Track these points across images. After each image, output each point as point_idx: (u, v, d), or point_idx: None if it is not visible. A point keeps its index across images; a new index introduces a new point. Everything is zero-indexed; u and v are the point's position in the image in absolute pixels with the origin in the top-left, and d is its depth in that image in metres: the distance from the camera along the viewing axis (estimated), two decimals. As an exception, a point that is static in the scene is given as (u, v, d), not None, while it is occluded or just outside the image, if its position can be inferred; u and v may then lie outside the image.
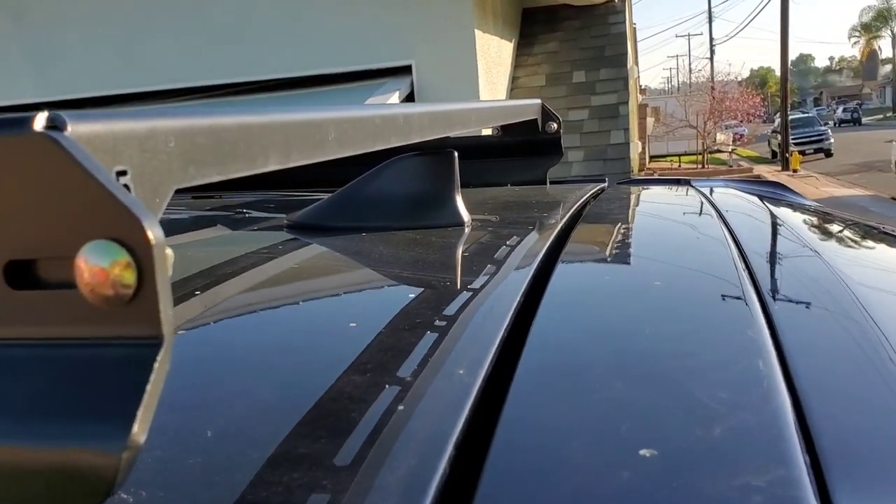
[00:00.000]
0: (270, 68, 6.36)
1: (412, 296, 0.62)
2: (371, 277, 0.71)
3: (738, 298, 0.58)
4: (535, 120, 1.45)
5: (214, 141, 0.38)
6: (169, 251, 0.29)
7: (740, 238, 0.80)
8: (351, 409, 0.40)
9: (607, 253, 0.78)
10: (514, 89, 7.20)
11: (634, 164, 10.10)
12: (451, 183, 0.90)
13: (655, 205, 1.12)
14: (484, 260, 0.73)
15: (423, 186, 0.90)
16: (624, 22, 7.57)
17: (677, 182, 1.44)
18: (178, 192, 0.36)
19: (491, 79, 6.59)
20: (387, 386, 0.43)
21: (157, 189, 0.33)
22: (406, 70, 6.29)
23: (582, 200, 1.09)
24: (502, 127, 1.52)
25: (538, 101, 1.48)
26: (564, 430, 0.38)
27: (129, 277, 0.27)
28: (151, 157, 0.33)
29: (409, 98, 6.19)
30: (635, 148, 9.20)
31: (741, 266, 0.67)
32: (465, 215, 0.90)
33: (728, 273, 0.65)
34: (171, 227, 1.08)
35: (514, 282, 0.63)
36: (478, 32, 6.21)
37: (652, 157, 22.10)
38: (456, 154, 0.91)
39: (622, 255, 0.75)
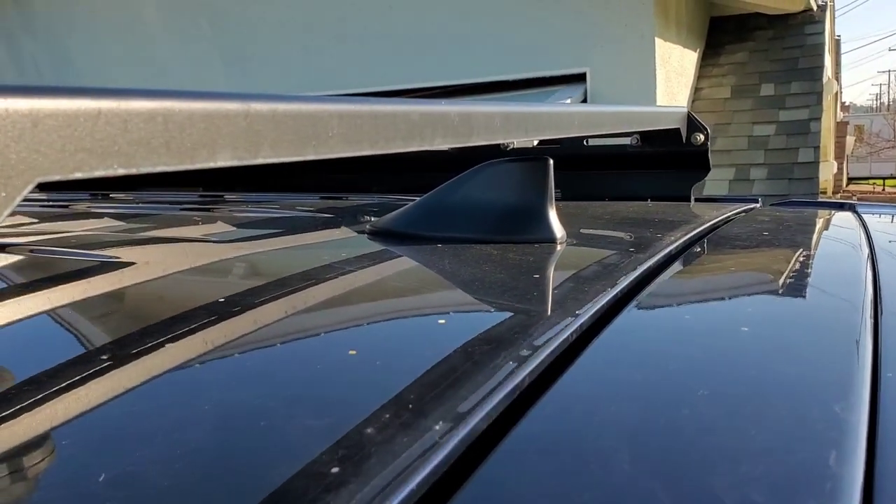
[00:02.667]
0: (446, 75, 6.43)
1: (441, 322, 0.53)
2: (406, 300, 0.63)
3: (844, 363, 0.45)
4: (678, 130, 1.31)
5: (117, 127, 0.31)
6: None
7: (886, 282, 0.65)
8: (278, 464, 0.33)
9: (703, 287, 0.65)
10: (696, 101, 6.85)
11: (828, 185, 9.37)
12: (543, 193, 0.81)
13: (796, 232, 0.96)
14: (553, 285, 0.63)
15: (513, 196, 0.81)
16: (823, 32, 7.01)
17: (840, 206, 1.26)
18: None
19: (671, 89, 6.31)
20: (334, 440, 0.35)
21: (6, 181, 0.27)
22: (580, 78, 6.15)
23: (711, 223, 0.95)
24: (642, 137, 1.40)
25: (683, 109, 1.34)
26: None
27: None
28: (-3, 141, 0.27)
29: (582, 107, 6.04)
30: (829, 168, 8.54)
31: (867, 318, 0.53)
32: (559, 231, 0.80)
33: (845, 327, 0.52)
34: (253, 227, 1.06)
35: (571, 316, 0.53)
36: (658, 41, 5.96)
37: (851, 179, 20.47)
38: (551, 161, 0.81)
39: (720, 290, 0.63)
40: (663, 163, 1.41)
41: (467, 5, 6.28)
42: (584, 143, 1.46)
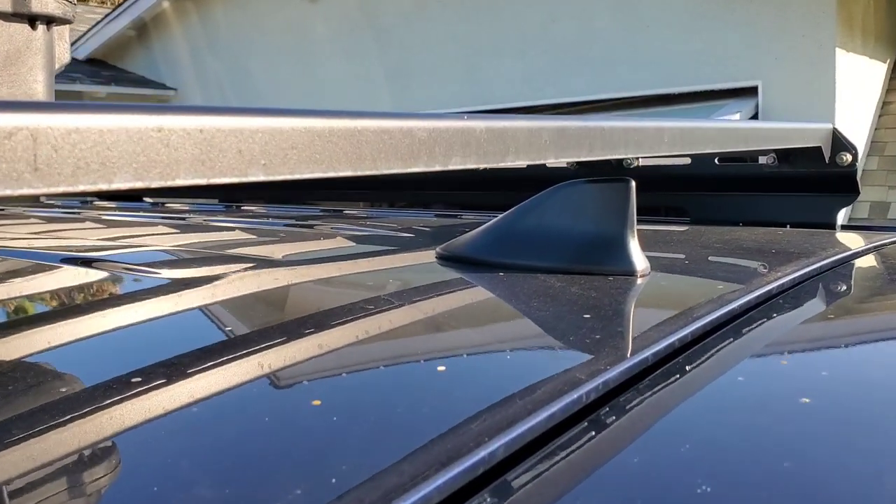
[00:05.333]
0: (609, 88, 6.26)
1: (441, 369, 0.46)
2: (417, 341, 0.56)
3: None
4: (820, 149, 1.16)
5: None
6: None
7: None
8: None
9: (772, 341, 0.54)
10: (883, 116, 6.29)
11: None
12: (622, 220, 0.71)
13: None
14: (599, 328, 0.55)
15: (589, 223, 0.72)
16: None
17: None
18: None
19: (853, 103, 5.82)
20: (281, 487, 0.29)
21: None
22: (751, 91, 5.81)
23: (833, 258, 0.81)
24: (780, 156, 1.25)
25: (826, 125, 1.19)
26: None
27: None
28: None
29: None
30: None
31: None
32: (639, 262, 0.70)
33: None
34: (331, 247, 1.02)
35: (595, 370, 0.44)
36: (839, 52, 5.52)
37: None
38: (633, 183, 0.71)
39: (796, 344, 0.52)
40: (804, 185, 1.26)
41: (631, 17, 6.10)
42: (715, 162, 1.33)
